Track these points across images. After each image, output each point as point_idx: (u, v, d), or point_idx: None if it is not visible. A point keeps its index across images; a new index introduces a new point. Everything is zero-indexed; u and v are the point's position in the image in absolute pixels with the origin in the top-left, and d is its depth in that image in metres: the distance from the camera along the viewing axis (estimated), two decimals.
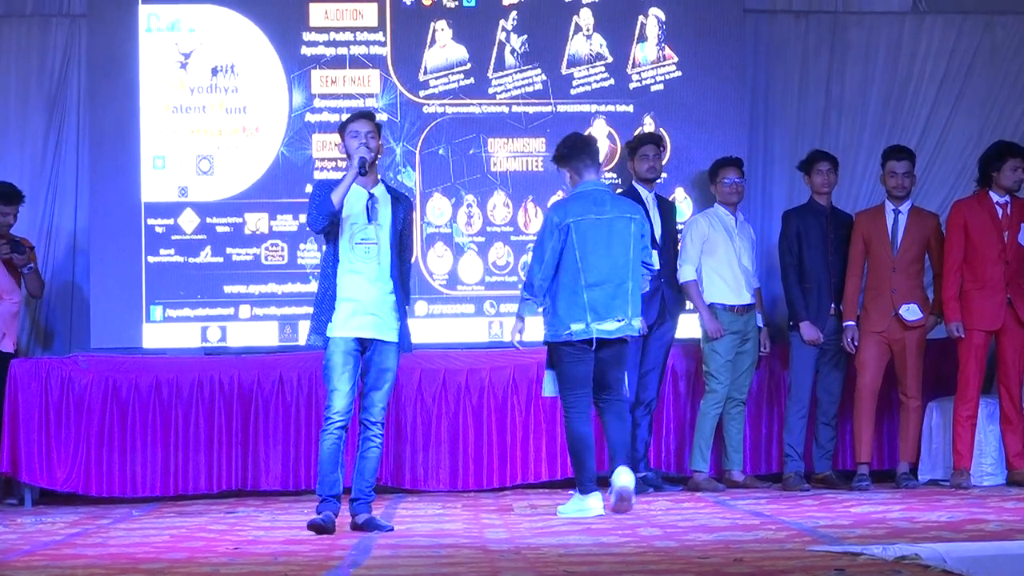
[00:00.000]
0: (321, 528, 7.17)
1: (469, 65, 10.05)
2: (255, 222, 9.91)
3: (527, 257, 9.90)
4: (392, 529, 7.30)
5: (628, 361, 9.21)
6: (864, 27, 10.67)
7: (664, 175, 9.86)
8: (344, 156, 7.60)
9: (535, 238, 8.25)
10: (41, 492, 9.44)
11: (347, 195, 7.36)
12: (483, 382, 9.56)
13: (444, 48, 10.04)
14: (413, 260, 9.62)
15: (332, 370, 7.33)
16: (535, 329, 9.84)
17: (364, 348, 7.41)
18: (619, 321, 7.99)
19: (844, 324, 9.37)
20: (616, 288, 7.98)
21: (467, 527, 7.48)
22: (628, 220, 8.04)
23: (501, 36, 10.06)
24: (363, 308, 7.35)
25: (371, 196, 7.44)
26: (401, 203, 7.54)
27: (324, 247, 7.49)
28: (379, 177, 7.59)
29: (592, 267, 7.96)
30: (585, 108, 10.09)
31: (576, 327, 7.95)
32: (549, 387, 8.14)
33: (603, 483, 7.98)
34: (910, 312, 9.24)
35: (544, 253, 8.00)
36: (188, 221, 9.87)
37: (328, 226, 7.34)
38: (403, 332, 7.48)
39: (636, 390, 9.31)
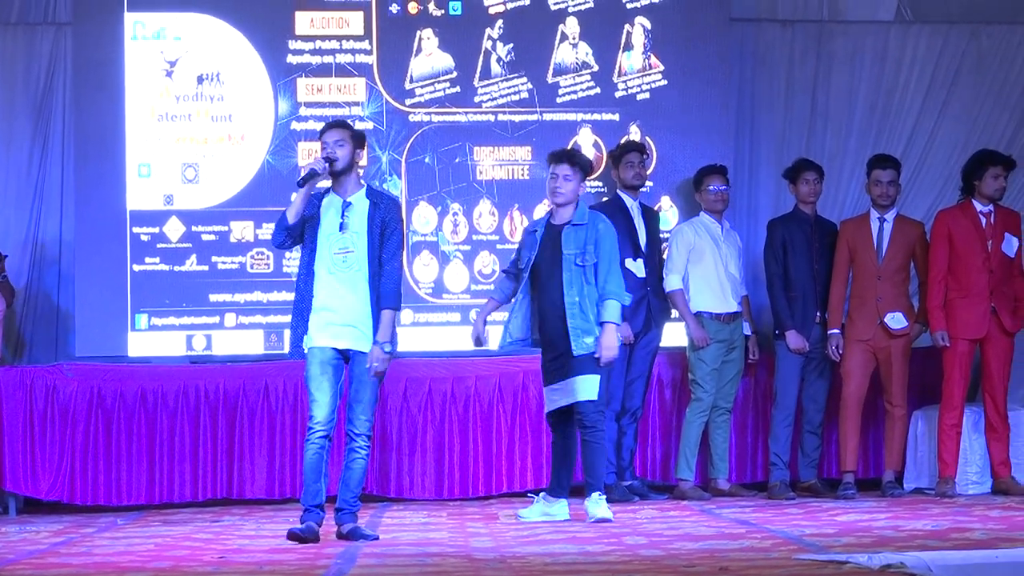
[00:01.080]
0: (301, 538, 7.14)
1: (455, 73, 10.05)
2: (240, 230, 9.90)
3: None
4: (377, 538, 7.29)
5: (614, 370, 9.25)
6: (850, 36, 10.69)
7: (650, 183, 9.86)
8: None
9: (609, 250, 8.19)
10: (25, 501, 9.41)
11: (324, 205, 7.33)
12: (468, 391, 9.55)
13: (430, 56, 10.04)
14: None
15: (311, 380, 7.31)
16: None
17: (346, 358, 7.40)
18: None
19: (829, 332, 9.38)
20: None
21: (452, 535, 7.47)
22: None
23: (487, 44, 10.06)
24: (341, 318, 7.30)
25: (346, 204, 7.37)
26: (380, 207, 7.41)
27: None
28: (362, 183, 7.52)
29: None
30: (571, 116, 10.10)
31: None
32: (595, 391, 8.14)
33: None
34: (895, 320, 9.25)
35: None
36: (173, 229, 9.86)
37: (287, 240, 7.36)
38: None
39: (622, 398, 9.32)
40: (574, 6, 10.11)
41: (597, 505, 7.95)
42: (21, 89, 10.22)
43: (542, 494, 8.36)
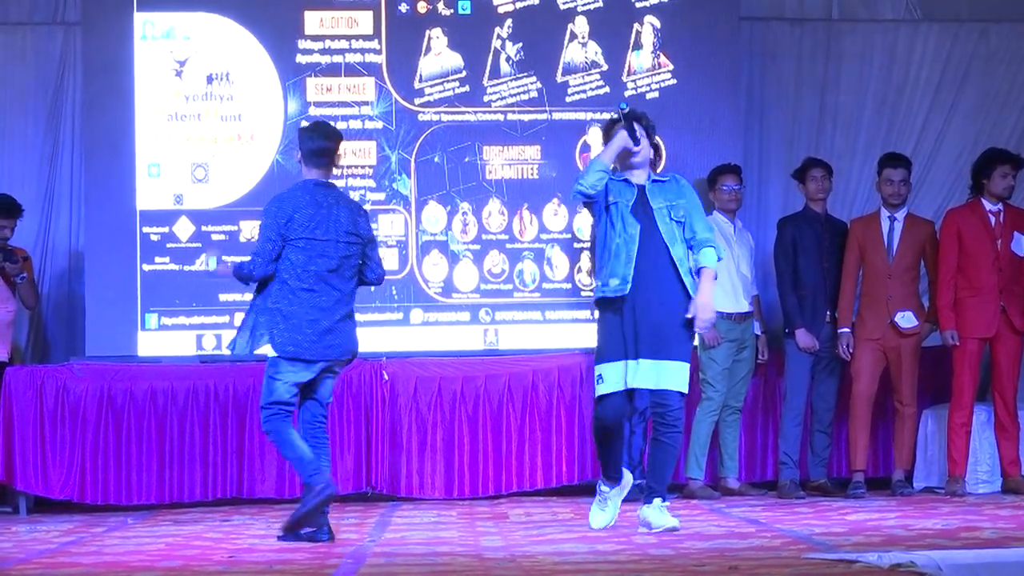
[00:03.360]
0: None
1: (464, 73, 10.05)
2: (250, 230, 9.89)
3: (523, 265, 9.93)
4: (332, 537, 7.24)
5: None
6: (859, 34, 10.70)
7: None
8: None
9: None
10: (36, 500, 9.42)
11: None
12: (478, 390, 9.55)
13: (439, 56, 10.05)
14: (408, 268, 9.68)
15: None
16: (529, 336, 9.88)
17: None
18: None
19: (839, 331, 9.37)
20: None
21: (462, 535, 7.47)
22: None
23: (496, 44, 10.06)
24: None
25: None
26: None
27: None
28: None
29: None
30: (580, 116, 10.08)
31: None
32: (686, 382, 7.37)
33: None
34: (905, 319, 9.25)
35: None
36: (183, 229, 9.87)
37: None
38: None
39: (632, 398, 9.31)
40: (583, 5, 10.11)
41: (662, 514, 7.25)
42: (31, 89, 10.27)
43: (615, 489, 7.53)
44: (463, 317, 9.98)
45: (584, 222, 9.94)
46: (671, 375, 7.21)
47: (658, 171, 9.64)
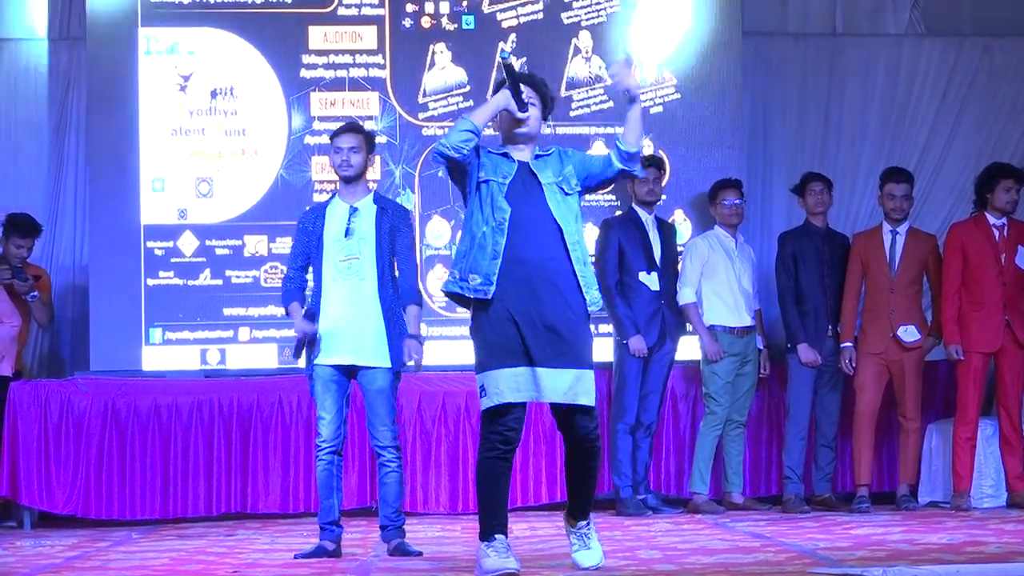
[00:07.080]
0: (313, 557, 7.15)
1: (468, 87, 10.07)
2: (254, 245, 9.92)
3: None
4: (420, 554, 7.18)
5: (628, 383, 9.24)
6: (863, 49, 10.71)
7: (663, 197, 9.86)
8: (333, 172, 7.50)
9: None
10: (40, 515, 9.42)
11: (329, 212, 7.33)
12: None
13: (443, 70, 10.06)
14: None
15: (316, 397, 7.28)
16: None
17: (351, 374, 7.31)
18: None
19: (842, 345, 9.37)
20: None
21: (467, 550, 7.46)
22: None
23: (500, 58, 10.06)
24: (343, 332, 7.21)
25: (353, 209, 7.30)
26: (387, 212, 7.31)
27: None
28: (370, 187, 7.44)
29: None
30: (584, 130, 10.10)
31: None
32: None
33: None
34: (908, 333, 9.24)
35: None
36: (187, 244, 9.88)
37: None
38: (392, 349, 7.24)
39: (636, 412, 9.31)
40: (587, 20, 10.12)
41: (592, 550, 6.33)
42: (36, 104, 10.27)
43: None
44: (467, 332, 9.94)
45: (590, 236, 9.92)
46: (586, 388, 6.12)
47: (663, 184, 9.72)
